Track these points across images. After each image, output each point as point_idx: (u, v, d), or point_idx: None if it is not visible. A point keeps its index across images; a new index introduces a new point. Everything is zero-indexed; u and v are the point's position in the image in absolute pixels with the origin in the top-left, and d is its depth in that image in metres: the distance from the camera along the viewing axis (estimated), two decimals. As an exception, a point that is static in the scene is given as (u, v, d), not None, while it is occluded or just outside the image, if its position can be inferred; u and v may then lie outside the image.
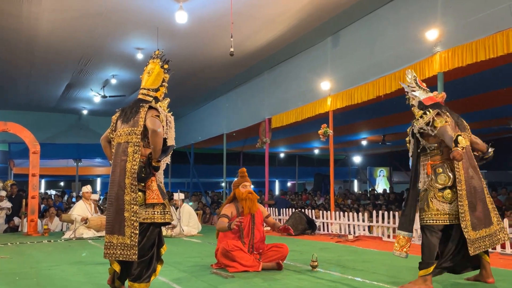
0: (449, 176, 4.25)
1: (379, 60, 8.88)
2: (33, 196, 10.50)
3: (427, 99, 4.55)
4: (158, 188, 3.93)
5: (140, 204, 3.82)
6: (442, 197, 4.25)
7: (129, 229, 3.74)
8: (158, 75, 4.19)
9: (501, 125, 13.81)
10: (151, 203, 3.86)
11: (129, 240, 3.72)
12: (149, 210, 3.85)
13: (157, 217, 3.87)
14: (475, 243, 4.18)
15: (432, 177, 4.31)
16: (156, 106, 3.98)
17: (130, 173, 3.79)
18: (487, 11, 6.79)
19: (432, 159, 4.36)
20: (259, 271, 5.20)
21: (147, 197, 3.86)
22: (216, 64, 12.38)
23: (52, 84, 14.58)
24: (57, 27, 9.92)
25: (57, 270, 5.52)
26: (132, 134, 3.89)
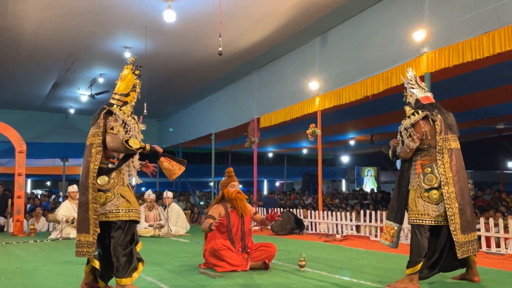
0: (437, 177, 4.27)
1: (367, 61, 8.93)
2: (19, 196, 10.39)
3: (424, 98, 4.58)
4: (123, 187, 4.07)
5: (102, 203, 3.95)
6: (428, 197, 4.27)
7: (92, 226, 3.89)
8: (129, 80, 4.30)
9: (488, 125, 13.94)
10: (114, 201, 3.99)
11: (91, 237, 3.88)
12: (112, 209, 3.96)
13: (121, 215, 3.97)
14: (464, 247, 4.20)
15: (420, 177, 4.34)
16: (114, 111, 4.06)
17: (92, 173, 3.92)
18: (473, 13, 6.86)
19: (422, 159, 4.39)
20: (247, 271, 5.20)
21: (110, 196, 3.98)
22: (205, 63, 12.35)
23: (39, 82, 14.43)
24: (44, 25, 9.82)
25: (43, 270, 5.47)
26: (95, 136, 4.04)
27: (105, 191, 3.97)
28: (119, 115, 4.04)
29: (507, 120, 13.10)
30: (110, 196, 3.98)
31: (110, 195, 3.98)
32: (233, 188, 5.67)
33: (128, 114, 4.15)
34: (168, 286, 4.41)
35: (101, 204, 3.94)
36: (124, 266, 3.90)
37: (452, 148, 4.35)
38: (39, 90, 15.38)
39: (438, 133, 4.33)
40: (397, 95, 9.17)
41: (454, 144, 4.38)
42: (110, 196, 3.98)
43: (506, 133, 15.73)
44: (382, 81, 8.39)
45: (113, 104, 4.14)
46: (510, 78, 9.14)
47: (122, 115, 4.06)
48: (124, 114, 4.09)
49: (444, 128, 4.38)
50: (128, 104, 4.21)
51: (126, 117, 4.09)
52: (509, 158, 20.33)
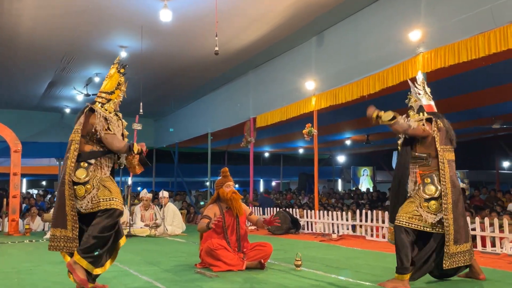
0: (437, 187, 4.29)
1: (363, 60, 8.94)
2: (15, 196, 10.36)
3: (428, 106, 4.62)
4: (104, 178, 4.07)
5: (83, 196, 3.94)
6: (427, 207, 4.29)
7: (70, 222, 3.90)
8: (114, 79, 4.34)
9: (483, 125, 14.00)
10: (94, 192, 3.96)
11: (71, 233, 3.90)
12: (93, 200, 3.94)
13: (102, 204, 3.93)
14: (454, 257, 4.23)
15: (420, 186, 4.37)
16: (95, 108, 4.09)
17: (69, 169, 3.94)
18: (469, 13, 6.88)
19: (421, 168, 4.41)
20: (243, 270, 5.20)
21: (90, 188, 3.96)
22: (201, 63, 12.34)
23: (34, 82, 14.38)
24: (39, 24, 9.79)
25: (39, 270, 5.45)
26: (75, 132, 4.09)
27: (84, 184, 3.95)
28: (100, 113, 4.06)
29: (502, 120, 13.15)
30: (89, 188, 3.95)
31: (89, 187, 3.95)
32: (228, 188, 5.65)
33: (111, 111, 4.17)
34: (164, 286, 4.40)
35: (81, 197, 3.93)
36: (88, 246, 3.84)
37: (449, 159, 4.38)
38: (34, 89, 15.33)
39: (439, 142, 4.35)
40: (393, 95, 9.22)
41: (450, 156, 4.42)
42: (90, 188, 3.95)
43: (501, 133, 15.81)
44: (378, 81, 8.41)
45: (96, 102, 4.18)
46: (505, 78, 9.18)
47: (104, 112, 4.09)
48: (106, 111, 4.13)
49: (445, 139, 4.41)
50: (111, 102, 4.23)
51: (108, 113, 4.11)
52: (504, 158, 20.43)
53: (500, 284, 4.43)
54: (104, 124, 4.05)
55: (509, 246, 6.55)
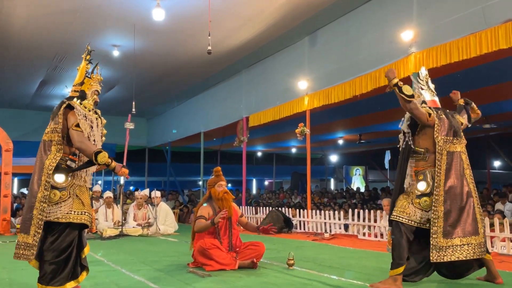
0: (429, 183, 4.25)
1: (356, 60, 8.97)
2: (6, 195, 10.29)
3: (431, 101, 4.56)
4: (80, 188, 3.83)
5: (56, 202, 3.67)
6: (418, 203, 4.25)
7: (34, 227, 3.58)
8: (82, 68, 4.04)
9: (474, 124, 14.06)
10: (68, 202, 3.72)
11: (31, 239, 3.57)
12: (65, 210, 3.69)
13: (72, 217, 3.69)
14: (445, 251, 4.10)
15: (414, 183, 4.35)
16: (74, 105, 3.79)
17: (47, 170, 3.63)
18: (461, 13, 6.93)
19: (416, 164, 4.38)
20: (235, 269, 5.20)
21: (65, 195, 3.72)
22: (194, 62, 12.33)
23: (26, 80, 14.30)
24: (31, 22, 9.73)
25: (31, 270, 5.41)
26: (54, 132, 3.78)
27: (60, 189, 3.69)
28: (80, 110, 3.77)
29: (493, 120, 13.24)
30: (65, 195, 3.70)
31: (65, 194, 3.70)
32: (220, 188, 5.64)
33: (90, 108, 3.86)
34: (157, 285, 4.40)
35: (54, 202, 3.66)
36: (49, 274, 3.63)
37: (454, 151, 4.29)
38: (26, 88, 15.25)
39: (438, 132, 4.28)
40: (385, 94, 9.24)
41: (459, 147, 4.34)
42: (65, 195, 3.70)
43: (492, 133, 15.90)
44: (370, 81, 8.44)
45: (73, 98, 3.88)
46: (497, 78, 9.25)
47: (83, 110, 3.79)
48: (86, 108, 3.82)
49: (447, 130, 4.33)
50: (88, 97, 3.93)
51: (88, 111, 3.81)
52: (495, 158, 20.57)
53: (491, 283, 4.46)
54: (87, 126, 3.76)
55: (500, 245, 6.60)
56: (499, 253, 6.35)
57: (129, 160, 9.99)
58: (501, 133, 16.24)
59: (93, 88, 4.01)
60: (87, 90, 3.97)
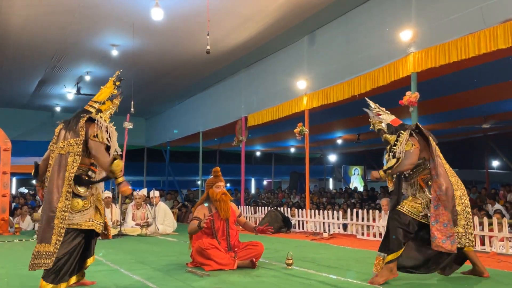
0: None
1: (355, 60, 8.97)
2: (4, 195, 10.28)
3: (394, 120, 4.71)
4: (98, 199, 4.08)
5: (78, 210, 3.89)
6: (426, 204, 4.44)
7: (55, 236, 3.74)
8: (108, 89, 4.34)
9: (473, 124, 14.10)
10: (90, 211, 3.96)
11: (53, 247, 3.73)
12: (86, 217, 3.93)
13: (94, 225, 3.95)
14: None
15: (425, 190, 4.45)
16: (95, 117, 4.04)
17: (68, 181, 3.81)
18: (459, 13, 6.93)
19: (421, 174, 4.50)
20: (234, 269, 5.20)
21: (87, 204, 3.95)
22: (192, 62, 12.32)
23: (24, 80, 14.28)
24: (29, 22, 9.72)
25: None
26: (73, 145, 3.92)
27: (82, 198, 3.92)
28: (102, 123, 4.01)
29: (492, 120, 13.26)
30: (87, 204, 3.94)
31: (87, 203, 3.94)
32: (218, 189, 5.61)
33: (108, 122, 4.14)
34: (155, 285, 4.39)
35: (77, 211, 3.87)
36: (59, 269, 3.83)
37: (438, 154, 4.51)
38: (25, 88, 15.22)
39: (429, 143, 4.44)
40: (384, 94, 9.26)
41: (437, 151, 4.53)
42: (87, 204, 3.94)
43: (491, 133, 15.92)
44: (369, 81, 8.45)
45: (90, 112, 4.12)
46: (495, 78, 9.26)
47: (105, 123, 4.05)
48: (105, 121, 4.10)
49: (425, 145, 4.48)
50: (103, 113, 4.20)
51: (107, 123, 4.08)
52: (494, 157, 20.59)
53: (489, 282, 4.47)
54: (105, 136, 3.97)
55: (499, 245, 6.61)
56: (497, 253, 6.36)
57: (127, 159, 9.99)
58: (499, 133, 16.26)
59: (110, 111, 4.33)
60: (104, 111, 4.24)
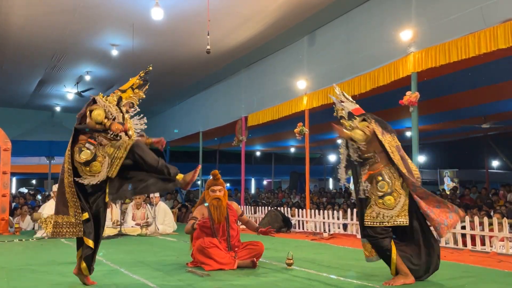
0: (388, 182, 4.32)
1: (355, 60, 8.97)
2: (4, 194, 10.27)
3: (355, 109, 4.71)
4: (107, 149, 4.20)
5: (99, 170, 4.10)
6: (382, 204, 4.30)
7: (72, 209, 4.11)
8: (132, 80, 4.58)
9: (473, 124, 14.10)
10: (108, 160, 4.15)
11: (73, 219, 4.11)
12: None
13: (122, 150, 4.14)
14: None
15: (373, 185, 4.38)
16: (97, 98, 4.26)
17: (68, 158, 4.18)
18: (459, 13, 6.93)
19: (371, 168, 4.43)
20: (234, 269, 5.20)
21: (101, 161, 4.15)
22: (193, 61, 12.32)
23: (24, 80, 14.28)
24: (29, 22, 9.72)
25: (29, 270, 5.41)
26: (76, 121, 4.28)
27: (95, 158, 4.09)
28: (100, 102, 4.20)
29: (492, 120, 13.25)
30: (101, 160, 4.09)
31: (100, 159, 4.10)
32: (213, 193, 5.53)
33: (113, 104, 4.29)
34: (156, 285, 4.39)
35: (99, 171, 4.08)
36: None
37: (397, 145, 4.47)
38: (25, 88, 15.23)
39: (380, 134, 4.38)
40: (384, 94, 9.26)
41: (397, 142, 4.52)
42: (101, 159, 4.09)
43: (491, 133, 15.92)
44: (369, 81, 8.44)
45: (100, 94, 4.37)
46: (495, 78, 9.26)
47: (104, 102, 4.21)
48: (107, 101, 4.25)
49: (382, 130, 4.45)
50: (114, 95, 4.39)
51: (109, 104, 4.23)
52: (494, 157, 20.58)
53: (489, 282, 4.47)
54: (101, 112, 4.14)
55: (499, 245, 6.61)
56: (497, 253, 6.35)
57: (127, 159, 9.95)
58: (499, 133, 16.25)
59: (131, 100, 4.51)
60: (124, 99, 4.44)
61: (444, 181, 20.69)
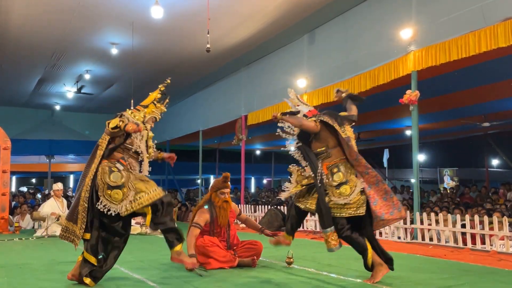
0: (343, 173, 4.40)
1: (355, 58, 8.96)
2: (4, 193, 10.27)
3: (309, 112, 4.76)
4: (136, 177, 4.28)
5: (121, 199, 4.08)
6: (339, 193, 4.36)
7: (80, 222, 4.14)
8: (152, 95, 4.68)
9: (473, 123, 14.09)
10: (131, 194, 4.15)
11: (78, 231, 4.14)
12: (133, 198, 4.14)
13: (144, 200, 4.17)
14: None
15: (329, 177, 4.45)
16: (123, 113, 4.34)
17: (92, 173, 4.13)
18: (460, 12, 6.92)
19: (326, 160, 4.51)
20: (234, 267, 5.20)
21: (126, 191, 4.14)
22: (192, 60, 12.31)
23: (24, 78, 14.27)
24: (29, 20, 9.71)
25: (29, 268, 5.41)
26: (102, 138, 4.26)
27: (120, 187, 4.07)
28: (127, 117, 4.26)
29: (492, 118, 13.24)
30: (126, 192, 4.08)
31: (126, 190, 4.08)
32: (222, 196, 5.50)
33: (140, 120, 4.37)
34: (156, 284, 4.39)
35: (119, 201, 4.05)
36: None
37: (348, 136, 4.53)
38: (24, 86, 15.22)
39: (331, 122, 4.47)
40: (384, 92, 9.25)
41: (349, 133, 4.58)
42: (126, 191, 4.08)
43: (491, 131, 15.91)
44: (369, 79, 8.44)
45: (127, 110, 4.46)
46: (495, 77, 9.25)
47: (131, 117, 4.29)
48: (135, 117, 4.35)
49: (334, 121, 4.52)
50: (141, 112, 4.48)
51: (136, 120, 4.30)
52: (493, 156, 20.58)
53: (489, 281, 4.47)
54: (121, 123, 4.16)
55: (499, 243, 6.61)
56: (498, 251, 6.35)
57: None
58: (499, 132, 16.24)
59: (154, 115, 4.62)
60: (147, 114, 4.53)
61: (444, 179, 20.69)
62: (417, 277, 4.61)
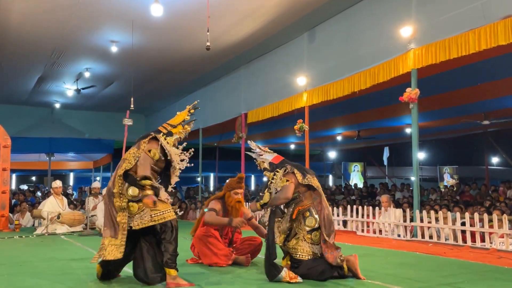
0: (316, 218, 4.46)
1: (355, 56, 8.96)
2: (4, 191, 10.27)
3: (275, 158, 4.92)
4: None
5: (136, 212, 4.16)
6: (310, 239, 4.46)
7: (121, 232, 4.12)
8: (181, 115, 4.76)
9: (473, 121, 14.10)
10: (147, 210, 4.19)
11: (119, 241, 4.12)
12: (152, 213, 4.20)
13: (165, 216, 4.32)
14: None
15: (300, 221, 4.51)
16: (158, 137, 4.38)
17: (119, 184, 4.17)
18: (459, 10, 6.92)
19: (299, 205, 4.57)
20: (230, 265, 5.21)
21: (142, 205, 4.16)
22: (192, 58, 12.30)
23: (24, 76, 14.26)
24: (29, 18, 9.70)
25: (29, 266, 5.41)
26: (131, 153, 4.28)
27: (137, 202, 4.13)
28: (163, 143, 4.32)
29: (492, 116, 13.24)
30: (141, 206, 4.13)
31: (141, 205, 4.13)
32: (236, 196, 5.55)
33: (172, 145, 4.44)
34: (156, 282, 4.39)
35: (133, 214, 4.13)
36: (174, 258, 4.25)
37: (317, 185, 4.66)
38: (24, 84, 15.21)
39: (302, 179, 4.58)
40: (384, 91, 9.25)
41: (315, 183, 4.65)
42: (142, 206, 4.13)
43: (491, 129, 15.91)
44: (369, 77, 8.43)
45: (160, 132, 4.47)
46: (495, 75, 9.25)
47: (166, 144, 4.33)
48: (168, 144, 4.38)
49: (302, 173, 4.64)
50: (173, 136, 4.50)
51: (169, 146, 4.36)
52: (493, 154, 20.58)
53: (489, 279, 4.47)
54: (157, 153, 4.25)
55: (498, 241, 6.62)
56: (497, 249, 6.36)
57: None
58: (499, 130, 16.24)
59: (181, 135, 4.65)
60: (175, 134, 4.57)
61: (444, 177, 20.70)
62: (417, 275, 4.61)
